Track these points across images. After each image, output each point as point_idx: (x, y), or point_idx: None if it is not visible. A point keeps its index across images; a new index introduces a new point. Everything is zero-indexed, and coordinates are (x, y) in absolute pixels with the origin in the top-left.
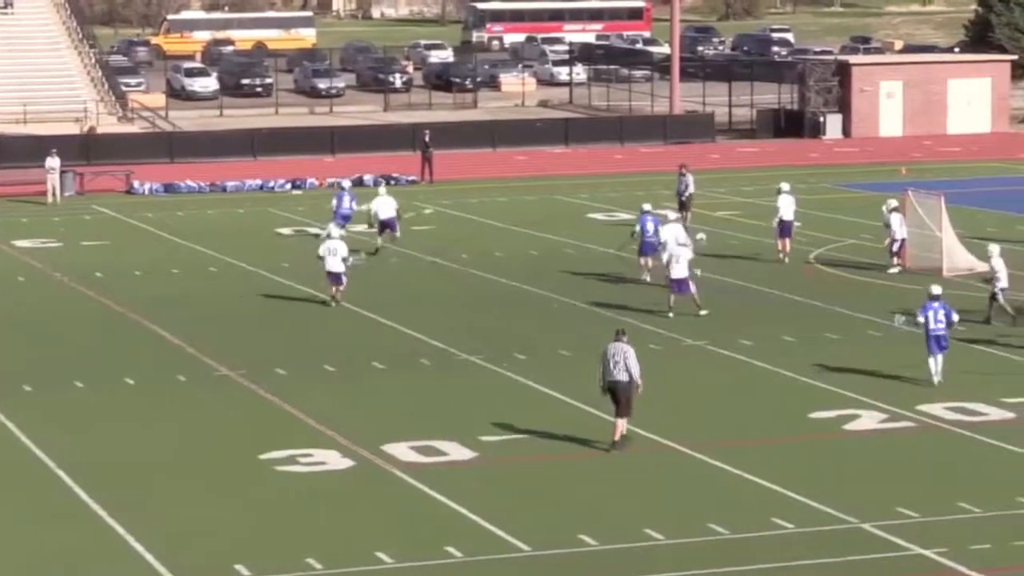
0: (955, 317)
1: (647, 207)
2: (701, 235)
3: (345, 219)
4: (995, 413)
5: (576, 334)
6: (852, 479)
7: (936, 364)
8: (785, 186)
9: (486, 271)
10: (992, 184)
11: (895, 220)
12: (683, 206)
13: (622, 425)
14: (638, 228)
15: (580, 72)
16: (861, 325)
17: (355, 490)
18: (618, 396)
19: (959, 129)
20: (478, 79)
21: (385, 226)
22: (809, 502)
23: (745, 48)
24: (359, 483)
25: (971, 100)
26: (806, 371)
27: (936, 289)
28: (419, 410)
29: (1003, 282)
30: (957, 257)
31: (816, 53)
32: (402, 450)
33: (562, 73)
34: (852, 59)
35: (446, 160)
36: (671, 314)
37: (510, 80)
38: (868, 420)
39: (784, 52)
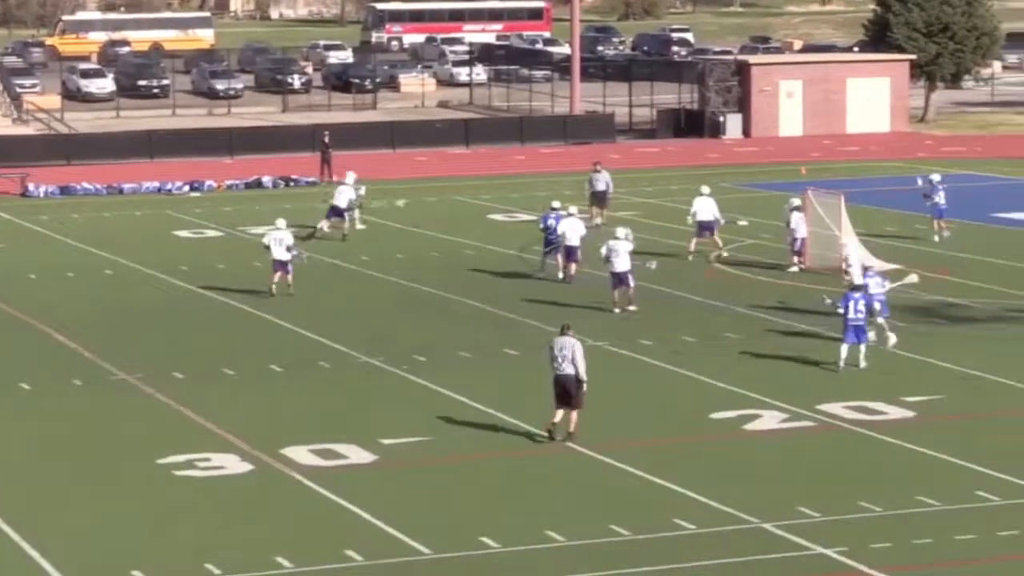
0: (876, 306)
1: (555, 204)
2: (652, 263)
3: (337, 214)
4: (895, 412)
5: (476, 336)
6: (753, 479)
7: (845, 352)
8: (705, 189)
9: (387, 273)
10: (891, 184)
11: (795, 219)
12: (597, 203)
13: (575, 418)
14: (542, 226)
15: (480, 72)
16: (761, 325)
17: (254, 494)
18: (567, 389)
19: (858, 129)
20: (377, 80)
21: (336, 214)
22: (710, 502)
23: (645, 48)
24: (258, 487)
25: (870, 100)
26: (706, 371)
27: (858, 280)
28: (318, 413)
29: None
30: (857, 256)
31: (716, 53)
32: (301, 453)
33: (462, 73)
34: (752, 59)
35: (345, 161)
36: (632, 307)
37: (410, 81)
38: (769, 420)
39: (684, 52)
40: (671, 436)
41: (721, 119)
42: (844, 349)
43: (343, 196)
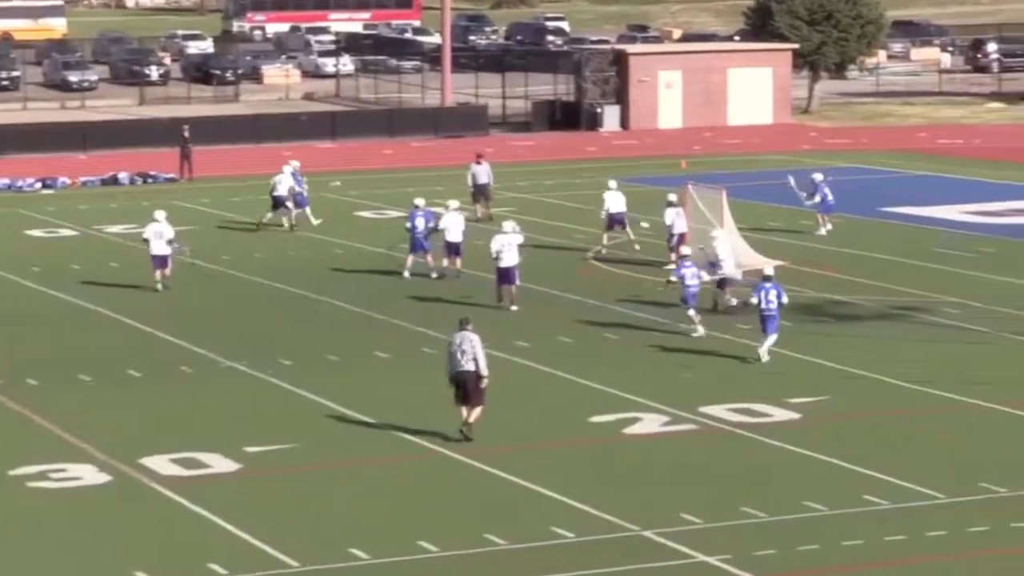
0: (785, 299)
1: (418, 201)
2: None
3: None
4: (780, 414)
5: (344, 337)
6: (634, 485)
7: (766, 343)
8: (612, 183)
9: (249, 273)
10: (775, 177)
11: (670, 214)
12: (480, 197)
13: (476, 413)
14: (408, 225)
15: (347, 63)
16: (641, 324)
17: (112, 506)
18: (467, 387)
19: (740, 120)
20: (239, 71)
21: (278, 204)
22: (590, 510)
23: (519, 37)
24: (116, 498)
25: (752, 90)
26: (585, 373)
27: (769, 270)
28: (180, 420)
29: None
30: (739, 253)
31: (592, 42)
32: (162, 463)
33: (328, 64)
34: (629, 48)
35: (206, 156)
36: (514, 307)
37: (273, 72)
38: (649, 423)
39: (559, 41)
40: (549, 441)
41: (598, 111)
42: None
43: (283, 185)
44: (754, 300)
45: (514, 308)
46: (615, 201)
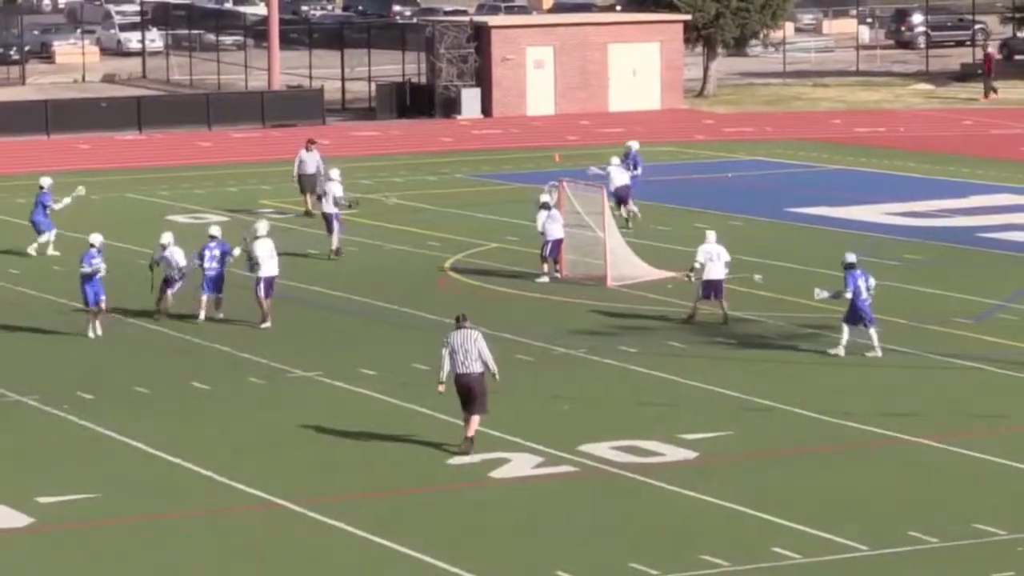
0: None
1: (214, 231)
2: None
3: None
4: (673, 452)
5: (154, 364)
6: (501, 537)
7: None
8: (615, 160)
9: (37, 289)
10: (665, 172)
11: (542, 217)
12: (304, 189)
13: (476, 424)
14: (196, 261)
15: (155, 39)
16: (508, 348)
17: None
18: (472, 390)
19: (623, 106)
20: (26, 48)
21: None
22: (448, 567)
23: (360, 8)
24: None
25: (636, 70)
26: (442, 407)
27: (851, 256)
28: None
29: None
30: (625, 264)
31: (447, 13)
32: None
33: (133, 40)
34: (491, 20)
35: None
36: (266, 324)
37: (67, 49)
38: (520, 465)
39: (408, 12)
40: (400, 487)
41: (455, 95)
42: (848, 331)
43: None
44: (848, 293)
45: (265, 325)
46: (620, 176)
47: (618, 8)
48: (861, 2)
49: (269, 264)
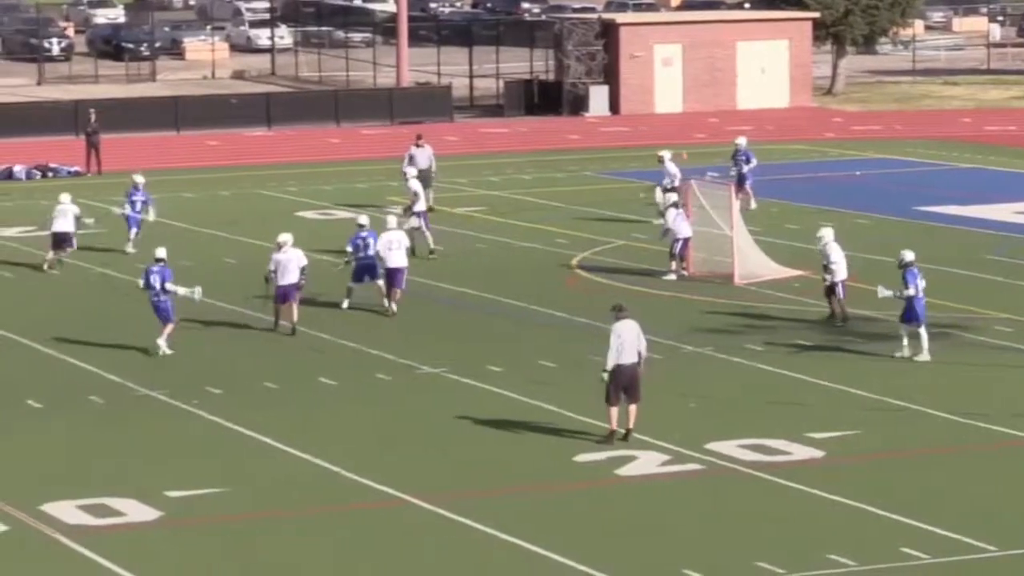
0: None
1: (362, 221)
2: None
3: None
4: (800, 451)
5: (284, 361)
6: (627, 536)
7: (924, 336)
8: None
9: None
10: (794, 171)
11: (671, 216)
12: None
13: (635, 411)
14: (349, 248)
15: (284, 36)
16: None
17: (9, 560)
18: (632, 379)
19: (751, 103)
20: (156, 45)
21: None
22: (576, 565)
23: (489, 5)
24: (14, 552)
25: (765, 68)
26: (570, 404)
27: (909, 255)
28: (89, 460)
29: (841, 272)
30: (752, 262)
31: (575, 11)
32: (67, 510)
33: (262, 37)
34: (620, 18)
35: (117, 146)
36: (393, 306)
37: (197, 46)
38: (646, 463)
39: (537, 10)
40: (527, 484)
41: (583, 92)
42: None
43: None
44: (912, 290)
45: (395, 309)
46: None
47: (747, 5)
48: (992, 0)
49: (396, 255)
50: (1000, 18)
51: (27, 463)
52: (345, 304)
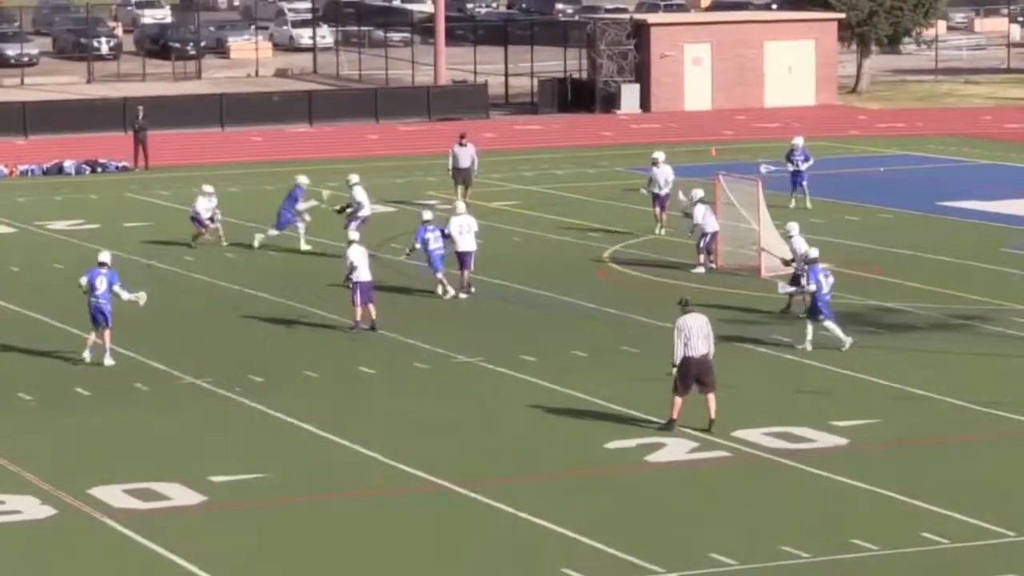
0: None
1: (427, 216)
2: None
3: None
4: (824, 439)
5: (324, 353)
6: (657, 521)
7: (837, 329)
8: (660, 155)
9: (216, 277)
10: (819, 167)
11: (699, 212)
12: (461, 182)
13: (713, 400)
14: (418, 244)
15: (326, 35)
16: (663, 336)
17: (58, 543)
18: (704, 370)
19: (778, 101)
20: (202, 44)
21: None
22: (606, 548)
23: (524, 5)
24: (62, 535)
25: (792, 67)
26: (600, 392)
27: (814, 252)
28: (135, 445)
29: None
30: (778, 255)
31: (608, 11)
32: (115, 494)
33: (304, 36)
34: (651, 18)
35: (164, 142)
36: (463, 295)
37: (241, 45)
38: (675, 449)
39: (570, 10)
40: (559, 470)
41: (615, 90)
42: (810, 329)
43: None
44: (812, 287)
45: (464, 295)
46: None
47: (774, 6)
48: (1013, 0)
49: (466, 239)
50: (1021, 19)
51: (75, 449)
52: (452, 292)
